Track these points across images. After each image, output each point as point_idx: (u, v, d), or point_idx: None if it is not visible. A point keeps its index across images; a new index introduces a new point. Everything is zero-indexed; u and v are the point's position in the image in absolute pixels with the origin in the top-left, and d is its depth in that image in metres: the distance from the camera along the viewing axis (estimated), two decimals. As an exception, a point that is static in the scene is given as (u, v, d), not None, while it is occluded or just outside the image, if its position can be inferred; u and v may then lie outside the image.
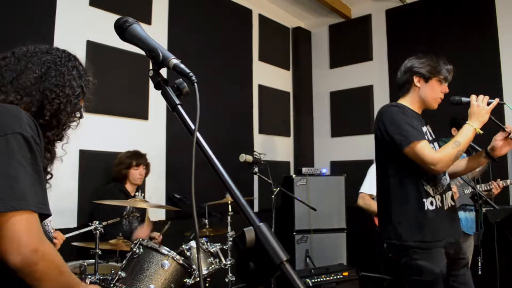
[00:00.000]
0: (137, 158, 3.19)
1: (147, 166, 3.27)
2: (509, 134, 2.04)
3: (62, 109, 1.12)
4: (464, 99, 2.12)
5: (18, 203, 0.89)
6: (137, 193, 2.70)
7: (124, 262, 2.38)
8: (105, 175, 3.35)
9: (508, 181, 3.18)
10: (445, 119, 3.44)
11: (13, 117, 0.97)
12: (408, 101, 2.13)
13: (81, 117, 1.24)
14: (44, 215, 0.97)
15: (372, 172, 3.23)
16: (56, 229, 1.70)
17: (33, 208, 0.91)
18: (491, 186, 3.09)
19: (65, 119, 1.14)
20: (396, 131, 1.95)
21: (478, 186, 3.05)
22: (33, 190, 0.93)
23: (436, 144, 2.15)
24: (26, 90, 1.07)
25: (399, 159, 1.98)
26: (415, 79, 2.12)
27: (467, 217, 3.38)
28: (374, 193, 3.08)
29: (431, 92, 2.11)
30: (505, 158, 4.04)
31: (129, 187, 3.22)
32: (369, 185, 3.20)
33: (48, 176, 1.20)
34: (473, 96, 2.02)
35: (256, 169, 3.55)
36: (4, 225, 0.88)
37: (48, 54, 1.15)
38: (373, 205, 3.05)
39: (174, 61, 0.88)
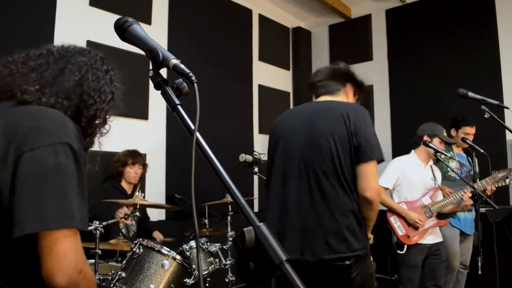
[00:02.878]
0: (134, 156, 3.21)
1: (143, 166, 3.28)
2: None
3: (97, 116, 1.07)
4: (470, 94, 2.12)
5: (67, 221, 0.85)
6: (137, 193, 2.70)
7: (124, 262, 2.38)
8: (105, 175, 3.35)
9: (507, 181, 3.17)
10: (445, 120, 3.45)
11: (60, 125, 0.92)
12: None
13: (109, 129, 1.19)
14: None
15: (392, 166, 3.20)
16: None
17: (79, 226, 0.88)
18: (485, 188, 3.09)
19: (99, 126, 1.09)
20: (375, 138, 1.82)
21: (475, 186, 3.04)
22: (78, 206, 0.89)
23: None
24: (65, 93, 1.01)
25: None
26: (349, 85, 2.06)
27: (466, 217, 3.38)
28: (390, 186, 3.11)
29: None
30: (505, 158, 4.05)
31: (124, 185, 3.23)
32: (385, 177, 3.16)
33: None
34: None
35: (256, 169, 3.55)
36: (53, 244, 0.84)
37: (83, 56, 1.10)
38: (387, 200, 3.05)
39: (174, 61, 0.87)
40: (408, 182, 3.10)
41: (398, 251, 2.99)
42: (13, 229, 0.82)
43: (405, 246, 2.98)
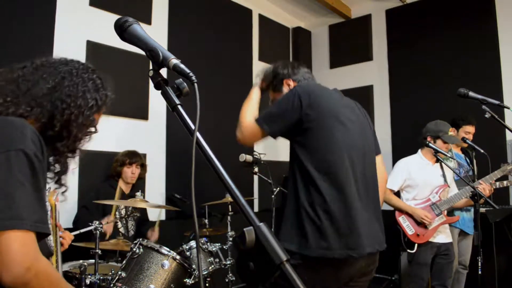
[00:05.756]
0: (132, 156, 3.21)
1: (142, 166, 3.27)
2: None
3: (73, 120, 1.11)
4: (471, 93, 2.12)
5: (14, 222, 0.89)
6: (137, 193, 2.70)
7: (124, 262, 2.38)
8: (105, 175, 3.35)
9: (505, 182, 3.17)
10: (445, 120, 3.45)
11: (17, 132, 0.96)
12: None
13: (95, 131, 1.23)
14: (42, 234, 0.96)
15: (398, 168, 3.23)
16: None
17: (29, 227, 0.91)
18: (493, 180, 3.08)
19: (76, 131, 1.13)
20: None
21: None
22: (31, 209, 0.92)
23: None
24: (37, 101, 1.06)
25: None
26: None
27: (464, 217, 3.38)
28: (396, 188, 3.14)
29: None
30: (505, 158, 4.04)
31: (122, 185, 3.22)
32: (391, 180, 3.16)
33: (63, 189, 1.21)
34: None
35: (256, 169, 3.55)
36: None
37: (65, 65, 1.15)
38: (393, 199, 3.11)
39: (174, 61, 0.87)
40: (415, 182, 3.12)
41: (409, 250, 3.01)
42: None
43: (416, 244, 2.99)
